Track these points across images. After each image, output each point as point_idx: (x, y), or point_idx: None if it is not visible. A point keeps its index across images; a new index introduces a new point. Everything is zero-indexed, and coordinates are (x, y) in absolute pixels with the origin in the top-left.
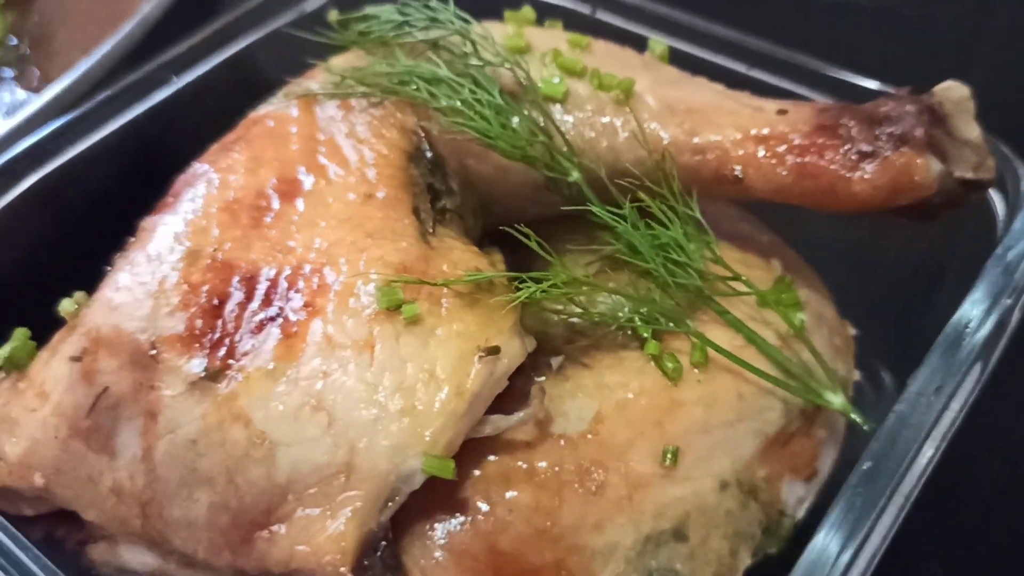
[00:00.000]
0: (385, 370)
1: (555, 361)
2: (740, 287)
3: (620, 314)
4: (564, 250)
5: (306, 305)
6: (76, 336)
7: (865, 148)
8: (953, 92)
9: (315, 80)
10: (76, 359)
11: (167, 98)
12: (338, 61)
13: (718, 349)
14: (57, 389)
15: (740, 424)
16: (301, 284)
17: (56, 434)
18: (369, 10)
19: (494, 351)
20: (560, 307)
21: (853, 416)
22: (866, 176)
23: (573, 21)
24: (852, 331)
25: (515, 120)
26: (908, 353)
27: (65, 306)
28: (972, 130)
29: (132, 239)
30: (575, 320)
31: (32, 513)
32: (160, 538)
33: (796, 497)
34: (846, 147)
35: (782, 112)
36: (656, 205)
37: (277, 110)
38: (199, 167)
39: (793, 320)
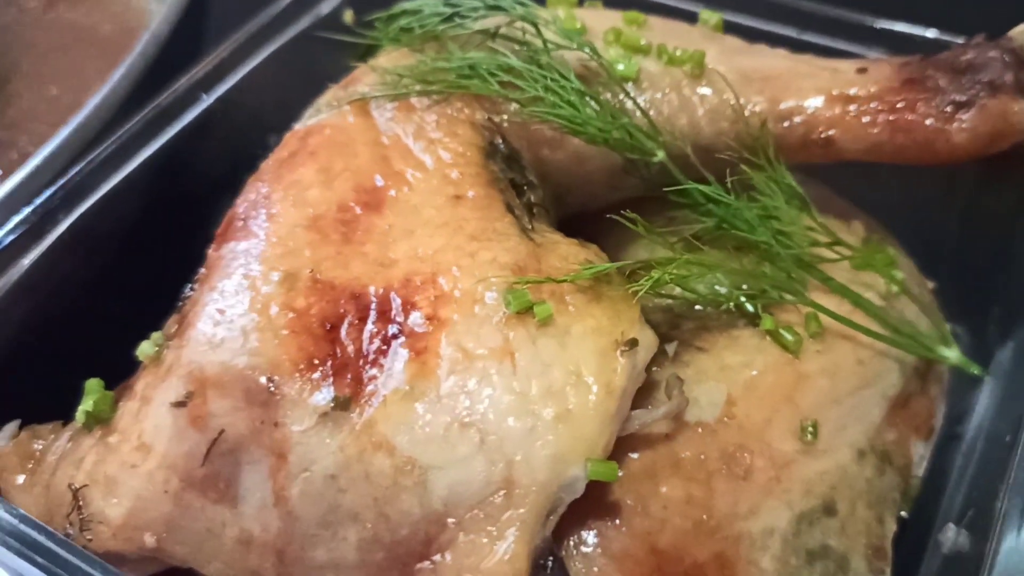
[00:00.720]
0: (531, 376)
1: (670, 348)
2: (834, 253)
3: (724, 293)
4: (634, 237)
5: (429, 318)
6: (173, 380)
7: (959, 98)
8: None
9: (361, 83)
10: (180, 404)
11: (197, 117)
12: (383, 61)
13: (834, 316)
14: (160, 439)
15: (864, 390)
16: (417, 297)
17: (166, 488)
18: (407, 6)
19: (633, 343)
20: (667, 293)
21: (972, 368)
22: (964, 126)
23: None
24: (929, 284)
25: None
26: (981, 305)
27: (144, 349)
28: None
29: (203, 270)
30: (673, 305)
31: None
32: None
33: (919, 456)
34: (939, 99)
35: (862, 71)
36: (757, 176)
37: (329, 119)
38: (261, 187)
39: (895, 278)
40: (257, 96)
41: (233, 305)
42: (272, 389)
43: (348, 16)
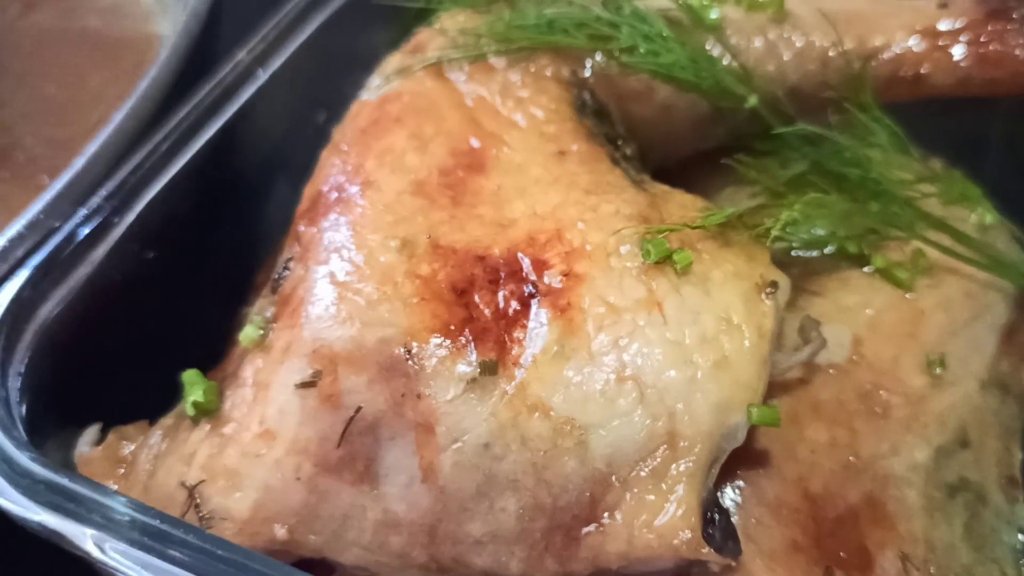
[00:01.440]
0: (682, 325)
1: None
2: (928, 189)
3: (825, 235)
4: (719, 187)
5: (565, 275)
6: (295, 361)
7: None
8: None
9: (429, 48)
10: (308, 384)
11: (253, 95)
12: (450, 23)
13: (943, 249)
14: (288, 424)
15: (977, 322)
16: (547, 255)
17: (298, 474)
18: None
19: (774, 285)
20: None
21: None
22: None
23: None
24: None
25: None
26: None
27: (249, 334)
28: None
29: (296, 248)
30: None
31: None
32: (454, 563)
33: None
34: None
35: (943, 6)
36: (860, 115)
37: (405, 85)
38: (348, 158)
39: (989, 210)
40: (301, 72)
41: (351, 277)
42: (410, 360)
43: None
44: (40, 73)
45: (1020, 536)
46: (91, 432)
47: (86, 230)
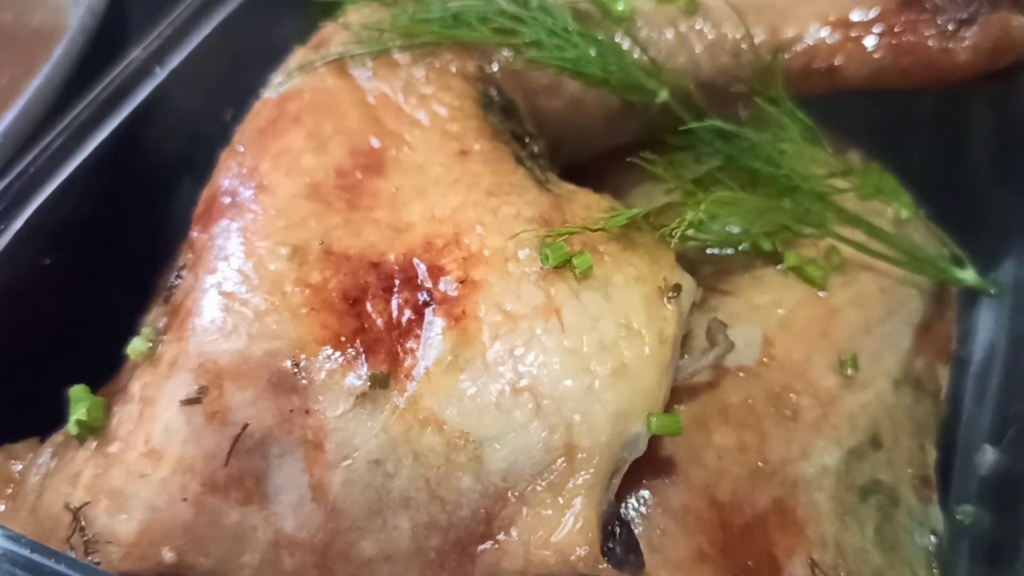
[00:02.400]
0: (580, 332)
1: (697, 294)
2: (843, 184)
3: (738, 233)
4: (632, 184)
5: (460, 282)
6: (180, 375)
7: (960, 15)
8: None
9: (333, 43)
10: (193, 401)
11: (151, 93)
12: (353, 19)
13: (856, 246)
14: (173, 442)
15: (891, 319)
16: (443, 260)
17: (184, 495)
18: None
19: (677, 289)
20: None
21: (988, 288)
22: (967, 44)
23: None
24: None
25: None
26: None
27: (136, 347)
28: None
29: (189, 255)
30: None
31: None
32: None
33: (944, 380)
34: (940, 18)
35: None
36: (770, 109)
37: (306, 82)
38: (244, 159)
39: (906, 203)
40: (206, 69)
41: (239, 287)
42: (298, 373)
43: None
44: None
45: (933, 538)
46: None
47: None
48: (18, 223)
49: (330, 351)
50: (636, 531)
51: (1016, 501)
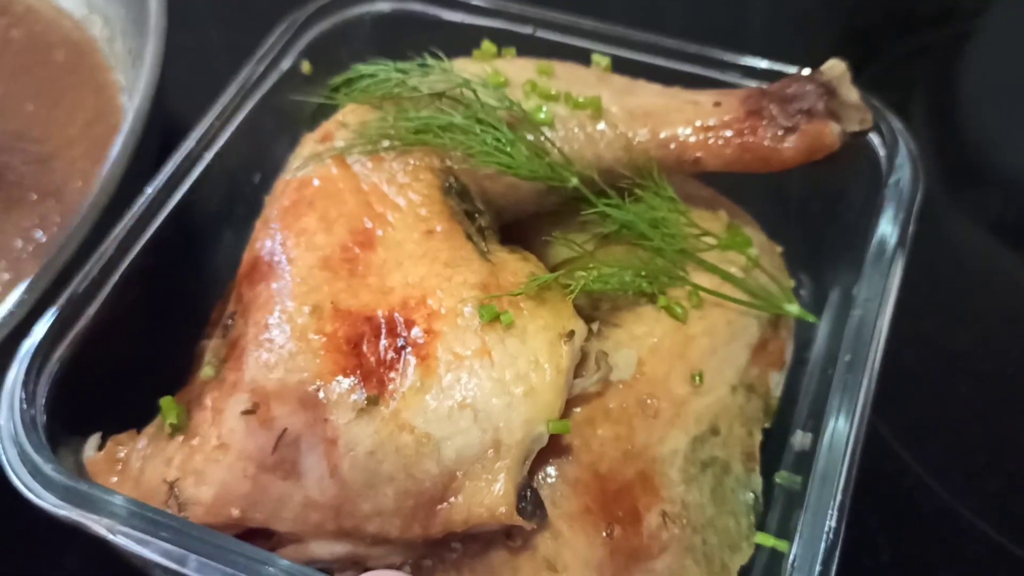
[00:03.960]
0: (504, 367)
1: (594, 326)
2: (705, 243)
3: (629, 280)
4: (558, 238)
5: (426, 332)
6: (240, 395)
7: (787, 124)
8: (836, 68)
9: (336, 137)
10: (249, 412)
11: (201, 172)
12: (350, 116)
13: (707, 290)
14: (236, 439)
15: (734, 342)
16: (414, 316)
17: (245, 473)
18: (363, 69)
19: (571, 334)
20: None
21: (808, 317)
22: (790, 145)
23: (517, 40)
24: (778, 248)
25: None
26: (816, 260)
27: (208, 372)
28: (853, 94)
29: (239, 304)
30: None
31: None
32: (353, 530)
33: (775, 383)
34: (773, 127)
35: (717, 104)
36: (645, 192)
37: (316, 171)
38: (276, 235)
39: (750, 255)
40: (240, 145)
41: (278, 335)
42: (319, 395)
43: (306, 67)
44: (19, 93)
45: (751, 494)
46: (94, 439)
47: (82, 289)
48: (114, 279)
49: (340, 380)
50: (541, 493)
51: (810, 468)
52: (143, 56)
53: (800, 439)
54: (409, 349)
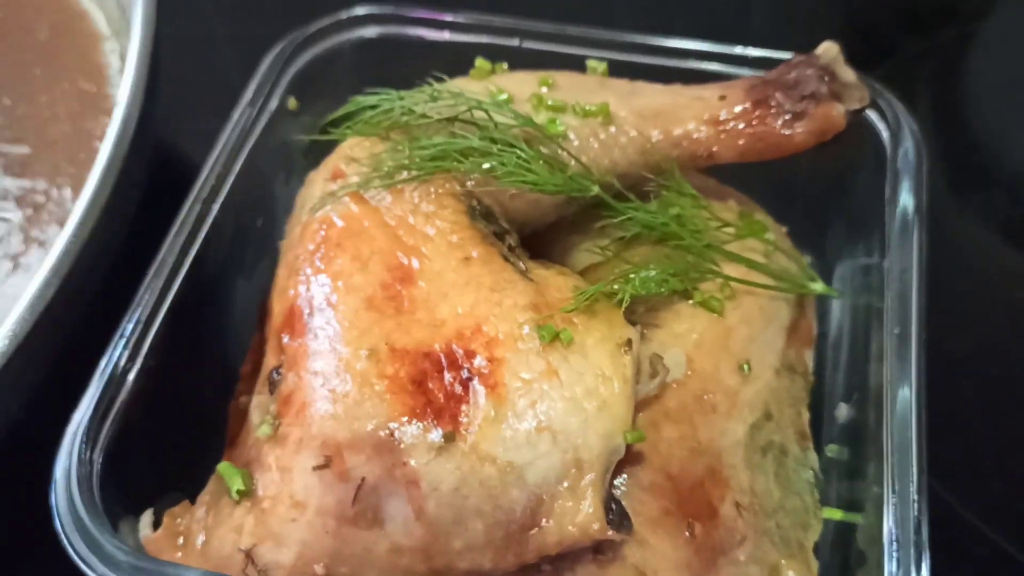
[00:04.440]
0: (573, 385)
1: (637, 330)
2: (726, 234)
3: (668, 280)
4: (577, 243)
5: (489, 360)
6: (308, 451)
7: (795, 109)
8: (831, 50)
9: (348, 172)
10: (323, 467)
11: (210, 228)
12: (359, 151)
13: (738, 280)
14: (312, 495)
15: (770, 327)
16: (473, 346)
17: (326, 530)
18: (364, 101)
19: (629, 342)
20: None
21: (832, 293)
22: (801, 130)
23: (506, 54)
24: (784, 228)
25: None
26: (817, 236)
27: (265, 430)
28: (850, 74)
29: (284, 356)
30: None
31: None
32: (444, 568)
33: (809, 360)
34: (782, 114)
35: (722, 97)
36: (666, 190)
37: (336, 210)
38: (311, 281)
39: (769, 240)
40: (241, 193)
41: (339, 385)
42: (393, 440)
43: (292, 104)
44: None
45: (810, 471)
46: (147, 516)
47: (121, 363)
48: (144, 349)
49: (413, 421)
50: (623, 504)
51: (862, 439)
52: (132, 40)
53: (845, 412)
54: (476, 380)
